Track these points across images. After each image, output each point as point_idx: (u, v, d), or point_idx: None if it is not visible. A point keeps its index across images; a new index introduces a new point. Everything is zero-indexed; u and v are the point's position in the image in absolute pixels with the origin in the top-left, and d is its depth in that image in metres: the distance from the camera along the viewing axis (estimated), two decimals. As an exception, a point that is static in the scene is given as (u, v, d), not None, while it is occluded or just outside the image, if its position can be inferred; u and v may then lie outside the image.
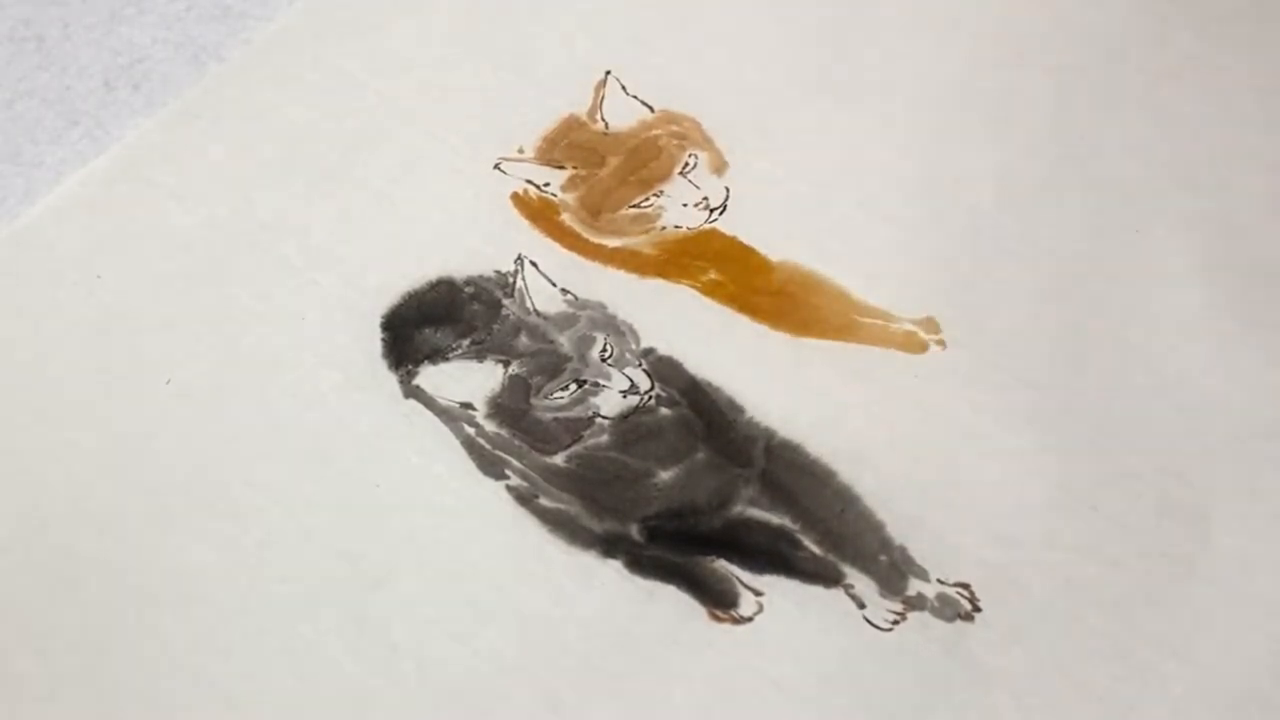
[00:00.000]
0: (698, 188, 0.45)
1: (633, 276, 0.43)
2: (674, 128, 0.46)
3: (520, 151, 0.46)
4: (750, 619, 0.37)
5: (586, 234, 0.44)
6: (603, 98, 0.47)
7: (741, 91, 0.47)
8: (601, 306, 0.42)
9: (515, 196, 0.45)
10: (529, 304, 0.42)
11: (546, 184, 0.45)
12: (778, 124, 0.45)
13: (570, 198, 0.45)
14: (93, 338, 0.42)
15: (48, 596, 0.37)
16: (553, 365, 0.41)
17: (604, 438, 0.39)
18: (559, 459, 0.39)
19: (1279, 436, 0.39)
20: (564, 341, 0.41)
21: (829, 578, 0.37)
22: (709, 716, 0.35)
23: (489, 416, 0.40)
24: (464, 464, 0.39)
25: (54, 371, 0.41)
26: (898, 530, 0.38)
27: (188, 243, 0.44)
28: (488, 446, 0.39)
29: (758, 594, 0.37)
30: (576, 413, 0.40)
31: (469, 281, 0.43)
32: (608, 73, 0.47)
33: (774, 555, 0.38)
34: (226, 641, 0.37)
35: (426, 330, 0.42)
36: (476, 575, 0.37)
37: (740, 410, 0.40)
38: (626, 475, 0.39)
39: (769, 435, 0.39)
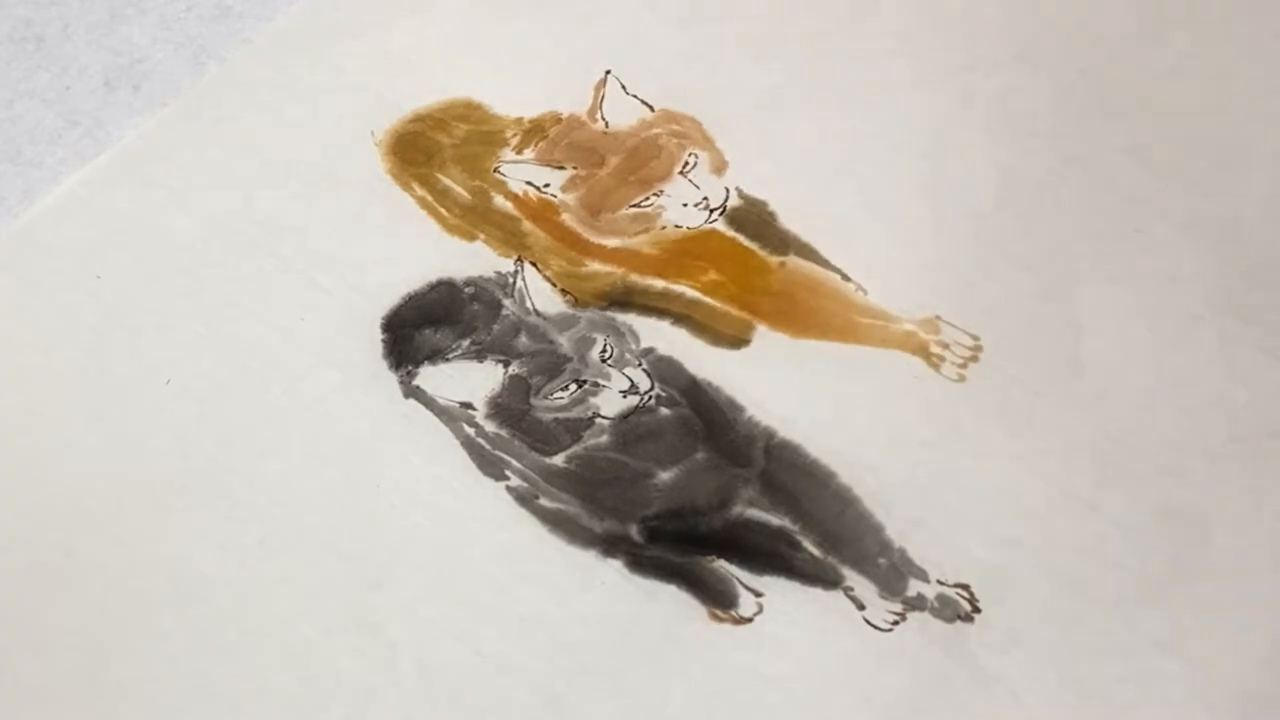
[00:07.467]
0: (698, 187, 0.44)
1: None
2: (674, 127, 0.46)
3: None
4: (750, 619, 0.37)
5: (586, 234, 0.44)
6: (603, 97, 0.47)
7: (741, 91, 0.47)
8: (601, 307, 0.42)
9: (515, 197, 0.45)
10: (529, 304, 0.42)
11: (546, 184, 0.45)
12: (778, 124, 0.45)
13: (570, 198, 0.45)
14: (93, 338, 0.42)
15: (48, 596, 0.37)
16: (552, 365, 0.41)
17: (604, 438, 0.39)
18: (559, 459, 0.39)
19: (1279, 436, 0.39)
20: (564, 342, 0.41)
21: (828, 580, 0.37)
22: (709, 716, 0.35)
23: (489, 417, 0.40)
24: (464, 464, 0.39)
25: (54, 371, 0.41)
26: (897, 532, 0.38)
27: (188, 243, 0.44)
28: (488, 447, 0.39)
29: (757, 594, 0.37)
30: (576, 413, 0.40)
31: (469, 282, 0.43)
32: (607, 72, 0.47)
33: (774, 556, 0.38)
34: (226, 641, 0.37)
35: (426, 331, 0.42)
36: (476, 575, 0.37)
37: (740, 410, 0.40)
38: (626, 475, 0.39)
39: (769, 435, 0.39)
